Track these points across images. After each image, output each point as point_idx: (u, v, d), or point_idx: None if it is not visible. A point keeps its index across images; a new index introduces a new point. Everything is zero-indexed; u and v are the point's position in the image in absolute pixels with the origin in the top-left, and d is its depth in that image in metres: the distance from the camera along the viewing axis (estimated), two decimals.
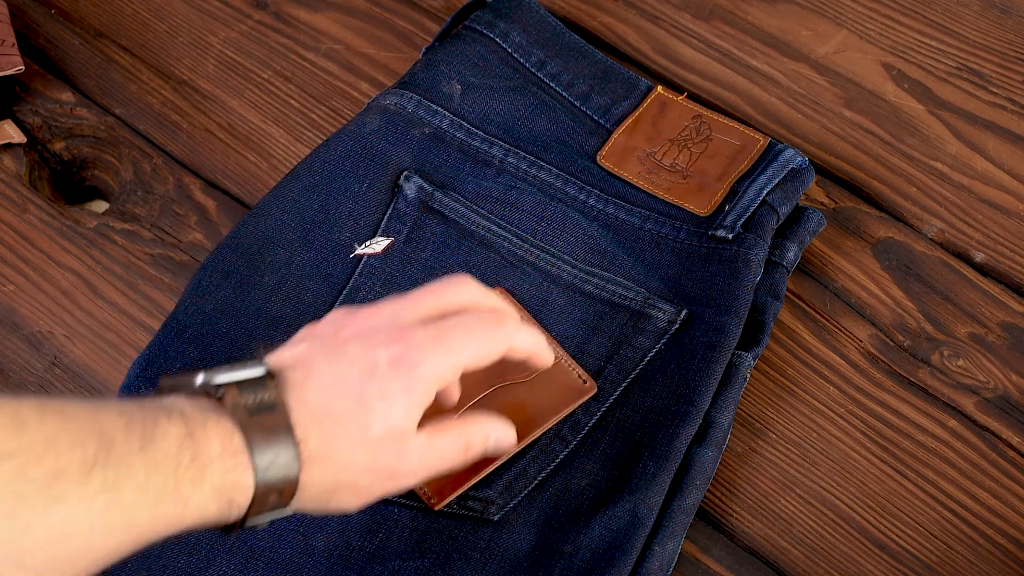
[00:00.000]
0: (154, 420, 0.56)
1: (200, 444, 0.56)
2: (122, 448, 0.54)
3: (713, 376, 0.77)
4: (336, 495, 0.62)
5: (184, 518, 0.56)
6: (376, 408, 0.61)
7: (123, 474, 0.53)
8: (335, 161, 0.85)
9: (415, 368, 0.62)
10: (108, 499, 0.53)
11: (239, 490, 0.57)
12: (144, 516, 0.55)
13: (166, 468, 0.55)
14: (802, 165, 0.85)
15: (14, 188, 0.89)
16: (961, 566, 0.75)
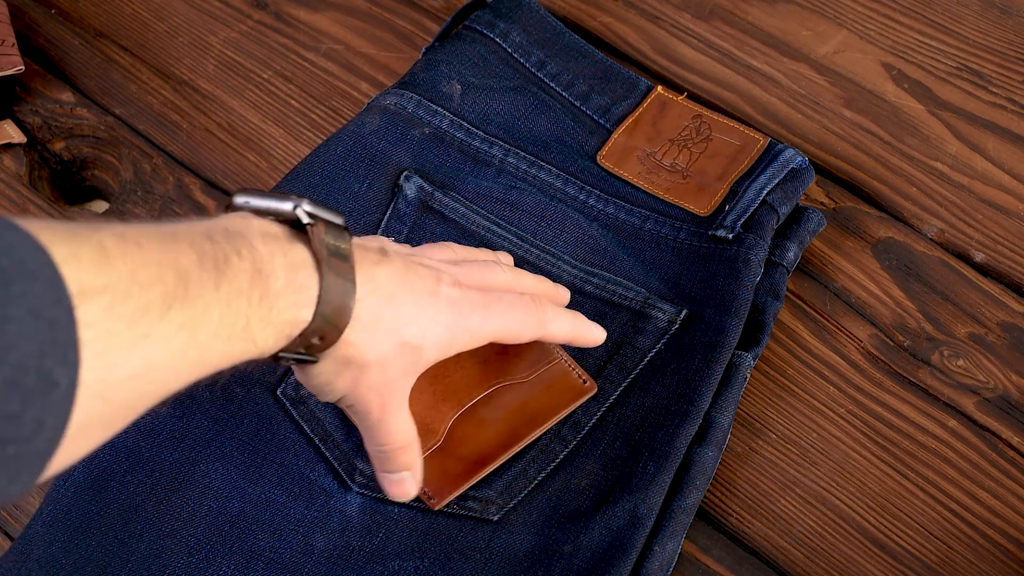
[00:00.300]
0: (225, 256, 0.57)
1: (268, 281, 0.58)
2: (197, 286, 0.54)
3: (713, 376, 0.77)
4: (344, 372, 0.65)
5: (247, 354, 0.59)
6: (424, 321, 0.66)
7: (200, 312, 0.54)
8: (335, 161, 0.85)
9: (464, 316, 0.68)
10: (186, 338, 0.54)
11: (297, 324, 0.60)
12: (216, 353, 0.56)
13: (238, 307, 0.56)
14: (802, 165, 0.85)
15: (14, 188, 0.89)
16: (961, 566, 0.75)
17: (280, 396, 0.77)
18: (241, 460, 0.75)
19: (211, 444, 0.75)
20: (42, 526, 0.72)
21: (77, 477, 0.74)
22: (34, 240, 0.49)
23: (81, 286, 0.49)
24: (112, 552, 0.72)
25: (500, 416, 0.76)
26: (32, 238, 0.49)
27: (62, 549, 0.72)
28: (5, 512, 0.76)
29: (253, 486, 0.74)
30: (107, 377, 0.50)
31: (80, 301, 0.49)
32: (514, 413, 0.75)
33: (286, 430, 0.76)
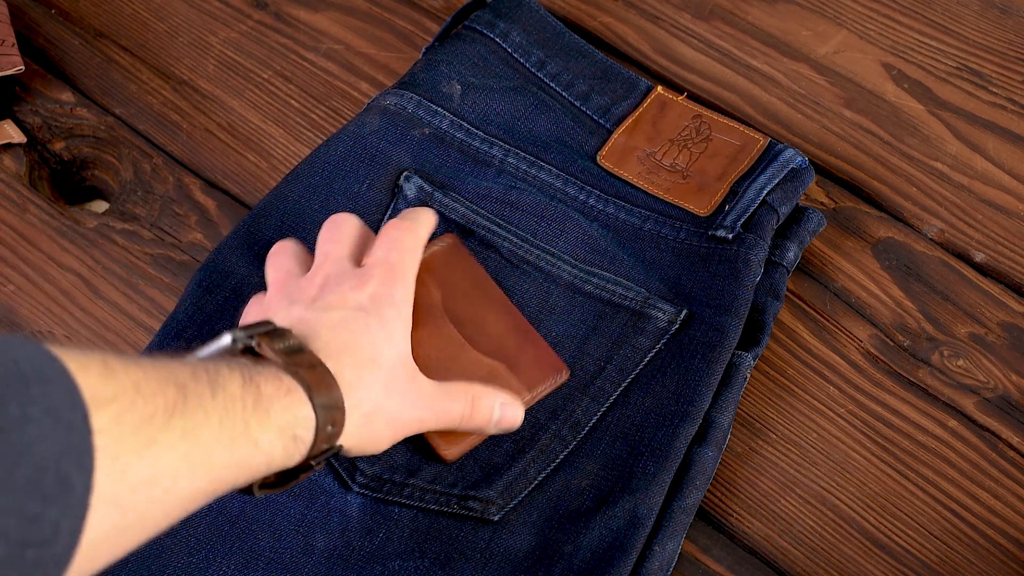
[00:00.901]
0: (216, 368, 0.59)
1: (260, 387, 0.60)
2: (195, 395, 0.57)
3: (713, 376, 0.77)
4: (372, 425, 0.67)
5: (254, 460, 0.60)
6: (380, 335, 0.69)
7: (200, 420, 0.56)
8: (335, 161, 0.85)
9: (392, 296, 0.70)
10: (189, 444, 0.56)
11: (301, 423, 0.62)
12: (220, 460, 0.57)
13: (235, 412, 0.58)
14: (802, 165, 0.85)
15: (14, 188, 0.89)
16: (961, 566, 0.75)
17: None
18: None
19: None
20: None
21: None
22: (47, 350, 0.51)
23: (93, 394, 0.51)
24: None
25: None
26: (45, 348, 0.51)
27: None
28: None
29: None
30: (119, 483, 0.52)
31: (93, 408, 0.51)
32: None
33: None
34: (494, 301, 0.79)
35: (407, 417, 0.70)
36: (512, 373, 0.77)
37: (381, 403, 0.68)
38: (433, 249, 0.80)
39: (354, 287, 0.70)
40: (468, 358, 0.77)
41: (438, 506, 0.74)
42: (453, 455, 0.75)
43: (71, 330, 0.83)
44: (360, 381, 0.66)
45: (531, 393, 0.77)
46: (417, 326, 0.76)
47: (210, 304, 0.80)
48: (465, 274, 0.80)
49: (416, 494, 0.74)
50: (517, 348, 0.78)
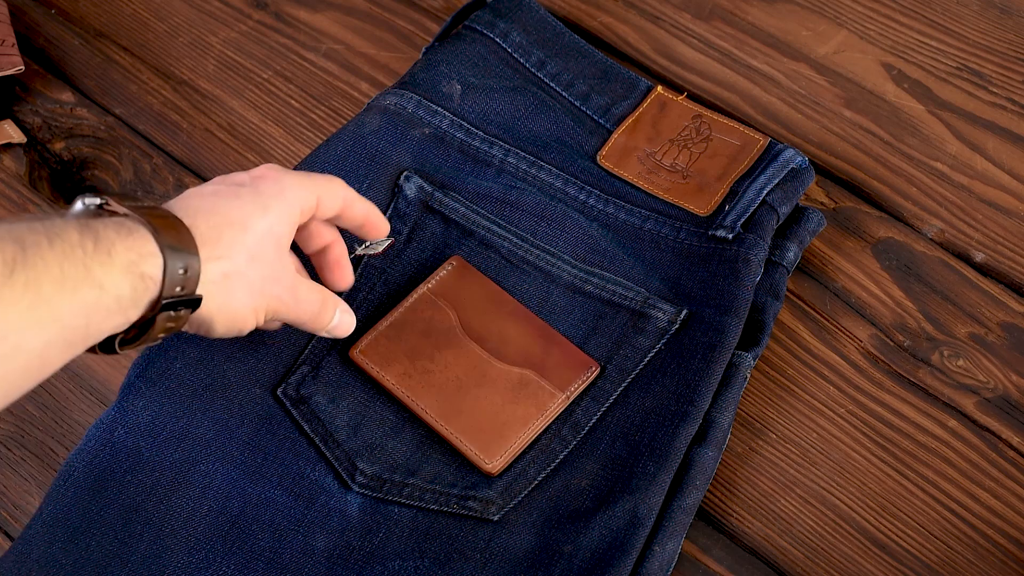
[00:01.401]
0: (50, 221, 0.60)
1: (99, 231, 0.60)
2: (33, 247, 0.57)
3: (713, 376, 0.77)
4: (233, 286, 0.66)
5: (101, 302, 0.60)
6: (252, 205, 0.68)
7: (40, 270, 0.57)
8: (335, 161, 0.85)
9: (279, 181, 0.70)
10: (32, 295, 0.56)
11: (146, 260, 0.61)
12: (64, 307, 0.58)
13: (75, 257, 0.58)
14: (802, 165, 0.85)
15: (14, 188, 0.89)
16: (961, 566, 0.75)
17: (280, 396, 0.77)
18: (241, 460, 0.75)
19: (212, 444, 0.75)
20: (42, 526, 0.72)
21: (77, 477, 0.74)
22: None
23: None
24: (112, 552, 0.72)
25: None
26: None
27: (62, 549, 0.72)
28: (5, 512, 0.76)
29: (253, 486, 0.74)
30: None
31: None
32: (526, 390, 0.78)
33: (286, 430, 0.76)
34: (511, 312, 0.80)
35: (269, 291, 0.69)
36: (543, 378, 0.78)
37: (242, 267, 0.67)
38: (441, 274, 0.81)
39: (244, 174, 0.71)
40: (496, 372, 0.78)
41: (438, 506, 0.74)
42: (498, 468, 0.75)
43: None
44: (219, 238, 0.66)
45: (564, 393, 0.77)
46: (441, 350, 0.78)
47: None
48: (477, 291, 0.81)
49: (416, 494, 0.74)
50: (543, 353, 0.78)
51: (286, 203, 0.70)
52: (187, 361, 0.77)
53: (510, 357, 0.78)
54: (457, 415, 0.76)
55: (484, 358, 0.78)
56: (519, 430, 0.76)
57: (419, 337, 0.79)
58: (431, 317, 0.79)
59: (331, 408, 0.77)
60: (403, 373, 0.77)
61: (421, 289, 0.80)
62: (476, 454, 0.75)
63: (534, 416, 0.76)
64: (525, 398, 0.77)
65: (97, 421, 0.75)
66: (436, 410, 0.76)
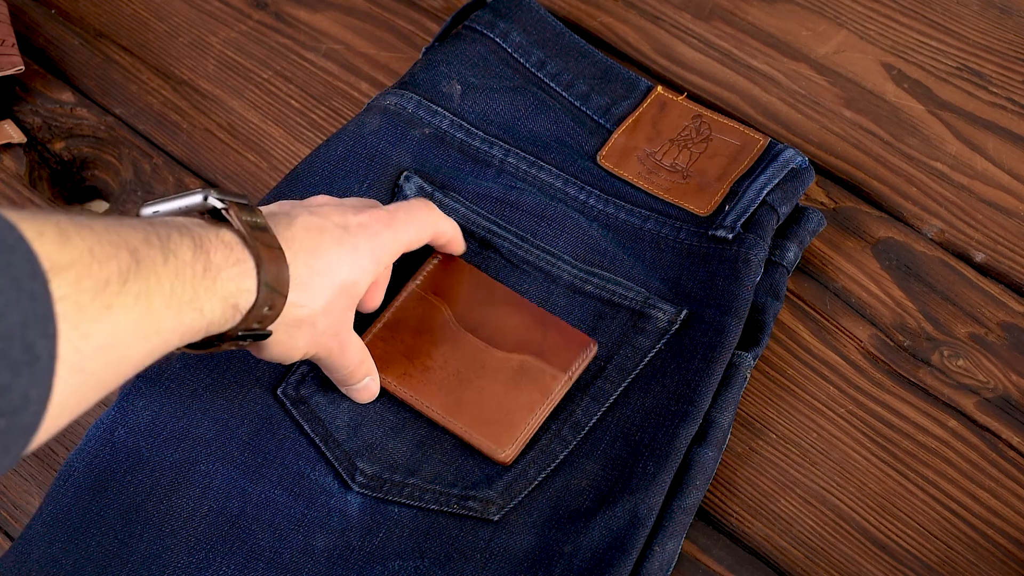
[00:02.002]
0: (167, 233, 0.60)
1: (210, 255, 0.61)
2: (147, 260, 0.57)
3: (713, 376, 0.77)
4: (298, 331, 0.69)
5: (196, 325, 0.61)
6: (349, 255, 0.70)
7: (152, 285, 0.57)
8: (335, 161, 0.85)
9: (378, 236, 0.72)
10: (143, 308, 0.56)
11: (243, 295, 0.63)
12: (168, 324, 0.59)
13: (185, 278, 0.59)
14: (802, 165, 0.85)
15: (14, 188, 0.89)
16: (961, 566, 0.75)
17: (280, 396, 0.77)
18: (241, 460, 0.75)
19: (212, 444, 0.75)
20: (42, 526, 0.72)
21: (77, 477, 0.74)
22: (4, 217, 0.51)
23: (51, 261, 0.51)
24: (112, 552, 0.72)
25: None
26: (2, 215, 0.51)
27: (62, 549, 0.72)
28: (5, 512, 0.76)
29: (253, 486, 0.74)
30: (81, 348, 0.52)
31: (52, 275, 0.51)
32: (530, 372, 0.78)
33: (286, 430, 0.76)
34: (503, 299, 0.80)
35: (325, 341, 0.71)
36: (543, 361, 0.78)
37: (316, 316, 0.69)
38: (427, 269, 0.81)
39: (355, 210, 0.73)
40: (495, 361, 0.78)
41: (438, 506, 0.74)
42: (511, 456, 0.75)
43: None
44: (310, 285, 0.68)
45: (567, 373, 0.77)
46: (437, 345, 0.78)
47: None
48: (467, 282, 0.81)
49: (416, 493, 0.74)
50: (540, 336, 0.79)
51: (375, 261, 0.72)
52: (187, 361, 0.77)
53: (508, 344, 0.78)
54: (462, 409, 0.76)
55: (482, 348, 0.78)
56: (526, 416, 0.76)
57: (414, 335, 0.79)
58: (423, 314, 0.79)
59: (331, 408, 0.77)
60: (403, 373, 0.77)
61: (409, 287, 0.80)
62: (488, 445, 0.75)
63: (539, 401, 0.76)
64: (528, 383, 0.77)
65: (97, 421, 0.75)
66: (441, 406, 0.76)
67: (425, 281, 0.80)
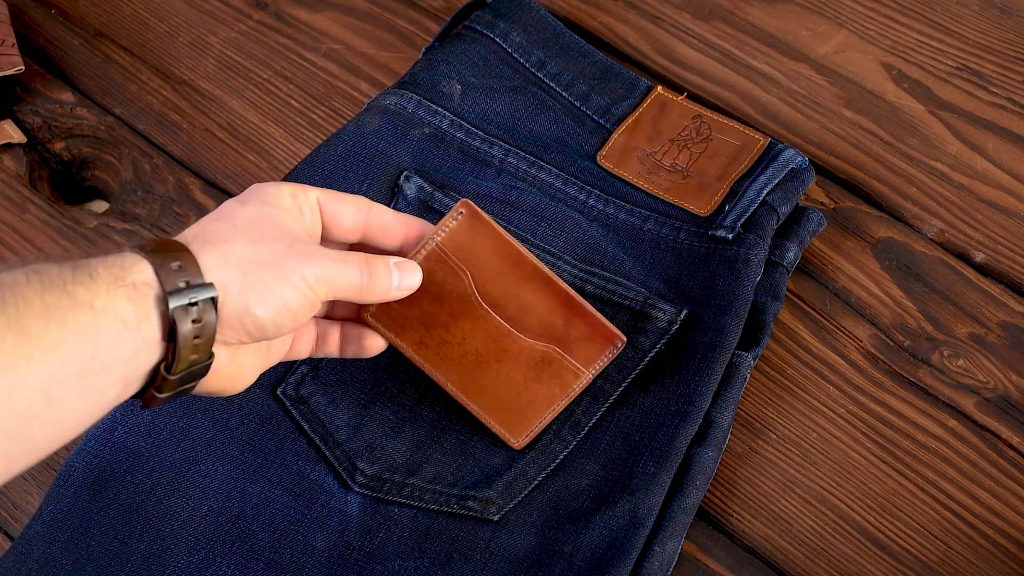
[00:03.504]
0: (33, 263, 0.56)
1: (78, 262, 0.57)
2: (8, 286, 0.54)
3: (713, 376, 0.77)
4: (244, 268, 0.61)
5: (100, 324, 0.55)
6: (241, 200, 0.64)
7: (21, 307, 0.53)
8: (335, 161, 0.85)
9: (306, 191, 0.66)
10: (15, 334, 0.53)
11: (132, 269, 0.57)
12: (56, 337, 0.54)
13: (55, 287, 0.55)
14: (802, 165, 0.85)
15: (14, 188, 0.89)
16: (961, 566, 0.75)
17: (280, 396, 0.77)
18: (241, 460, 0.75)
19: (212, 444, 0.75)
20: (42, 526, 0.72)
21: (77, 477, 0.74)
22: None
23: None
24: (112, 552, 0.72)
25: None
26: None
27: (62, 549, 0.72)
28: (5, 512, 0.76)
29: (253, 486, 0.74)
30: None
31: None
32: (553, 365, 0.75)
33: (286, 430, 0.76)
34: (531, 275, 0.74)
35: (301, 272, 0.62)
36: (566, 354, 0.75)
37: (243, 251, 0.61)
38: (451, 224, 0.73)
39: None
40: (518, 348, 0.74)
41: (438, 506, 0.74)
42: (523, 444, 0.75)
43: None
44: (203, 231, 0.61)
45: (589, 371, 0.75)
46: (456, 320, 0.73)
47: None
48: (492, 248, 0.73)
49: (416, 493, 0.74)
50: (566, 324, 0.74)
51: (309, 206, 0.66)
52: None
53: (532, 329, 0.74)
54: (479, 391, 0.75)
55: (504, 331, 0.74)
56: (543, 411, 0.76)
57: (432, 303, 0.73)
58: (443, 280, 0.73)
59: (331, 408, 0.77)
60: (419, 342, 0.74)
61: (429, 244, 0.72)
62: (500, 430, 0.75)
63: (558, 396, 0.76)
64: (548, 377, 0.75)
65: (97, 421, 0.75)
66: (457, 384, 0.75)
67: (447, 238, 0.72)
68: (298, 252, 0.63)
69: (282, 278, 0.62)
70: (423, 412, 0.77)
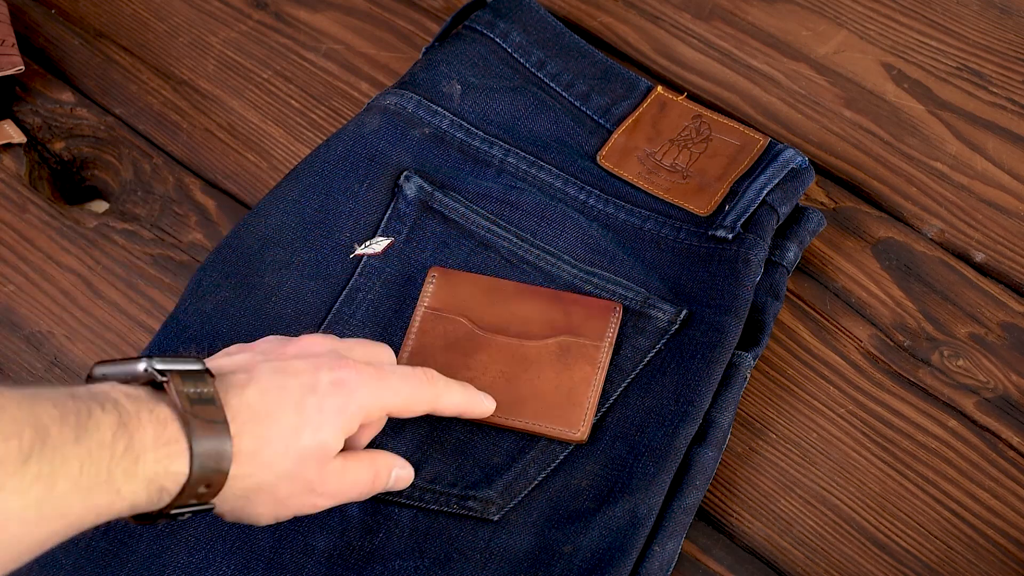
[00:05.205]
0: (88, 410, 0.57)
1: (134, 433, 0.57)
2: (57, 439, 0.54)
3: (713, 376, 0.77)
4: (254, 499, 0.64)
5: (114, 506, 0.57)
6: (312, 420, 0.64)
7: (58, 466, 0.54)
8: (335, 161, 0.85)
9: (353, 394, 0.66)
10: (42, 490, 0.54)
11: (171, 477, 0.59)
12: (76, 507, 0.55)
13: (100, 459, 0.56)
14: (802, 165, 0.85)
15: (14, 188, 0.89)
16: (961, 566, 0.75)
17: None
18: None
19: None
20: None
21: None
22: None
23: None
24: (112, 552, 0.72)
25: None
26: None
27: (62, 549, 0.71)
28: None
29: None
30: None
31: None
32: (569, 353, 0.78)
33: None
34: (513, 291, 0.81)
35: (297, 502, 0.66)
36: (578, 337, 0.78)
37: (271, 484, 0.64)
38: (430, 290, 0.80)
39: (329, 366, 0.67)
40: (534, 351, 0.78)
41: (438, 506, 0.74)
42: (586, 432, 0.76)
43: (71, 330, 0.83)
44: (256, 456, 0.62)
45: (604, 341, 0.78)
46: (472, 355, 0.78)
47: (210, 304, 0.80)
48: (472, 288, 0.81)
49: (416, 494, 0.74)
50: (565, 315, 0.79)
51: (346, 421, 0.66)
52: None
53: (539, 333, 0.79)
54: (522, 405, 0.76)
55: (516, 345, 0.78)
56: (586, 391, 0.77)
57: (445, 353, 0.78)
58: (445, 331, 0.79)
59: None
60: None
61: (419, 312, 0.80)
62: (560, 430, 0.76)
63: (592, 373, 0.77)
64: (574, 360, 0.78)
65: None
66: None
67: (432, 300, 0.80)
68: (307, 495, 0.66)
69: (270, 517, 0.66)
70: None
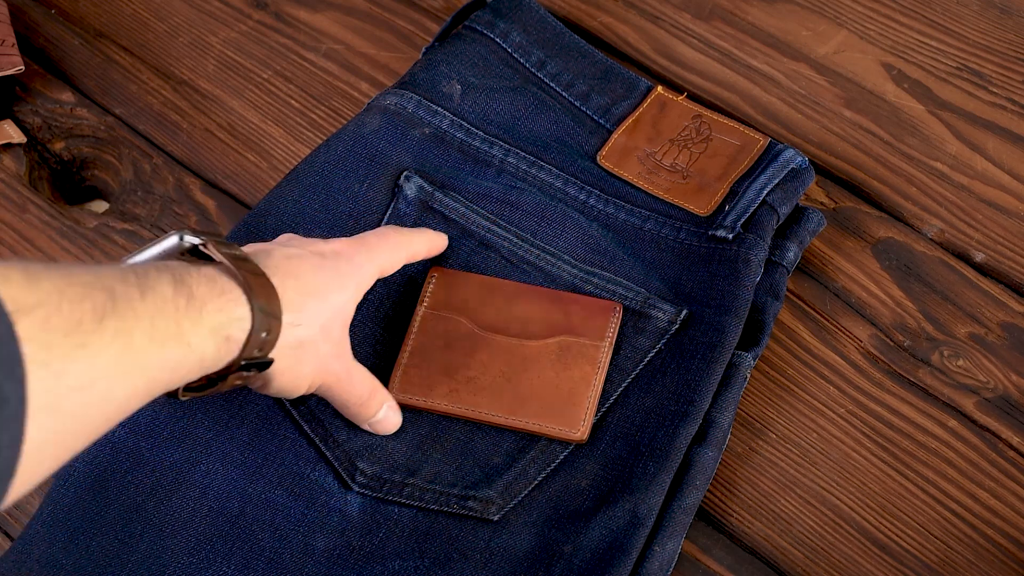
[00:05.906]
0: (144, 272, 0.59)
1: (192, 287, 0.61)
2: (124, 297, 0.56)
3: (713, 376, 0.77)
4: (302, 356, 0.68)
5: (186, 361, 0.60)
6: (332, 281, 0.70)
7: (131, 321, 0.56)
8: (335, 161, 0.85)
9: (352, 259, 0.73)
10: (121, 344, 0.56)
11: (236, 324, 0.63)
12: (153, 360, 0.58)
13: (167, 313, 0.59)
14: (802, 165, 0.85)
15: (14, 188, 0.89)
16: (961, 566, 0.75)
17: None
18: (241, 460, 0.75)
19: (212, 444, 0.75)
20: (42, 526, 0.72)
21: (77, 477, 0.74)
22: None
23: (16, 303, 0.51)
24: (112, 552, 0.72)
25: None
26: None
27: (62, 549, 0.72)
28: (5, 512, 0.76)
29: (253, 486, 0.74)
30: (53, 389, 0.52)
31: (17, 317, 0.50)
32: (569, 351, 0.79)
33: (286, 430, 0.76)
34: (512, 291, 0.81)
35: (329, 366, 0.71)
36: (578, 336, 0.79)
37: (316, 337, 0.69)
38: (429, 290, 0.81)
39: (320, 243, 0.73)
40: (534, 351, 0.78)
41: (438, 506, 0.74)
42: (587, 432, 0.76)
43: None
44: (303, 305, 0.68)
45: (605, 341, 0.78)
46: (472, 355, 0.78)
47: None
48: (471, 288, 0.81)
49: (416, 493, 0.74)
50: (564, 315, 0.79)
51: (356, 284, 0.73)
52: None
53: (538, 332, 0.79)
54: (522, 404, 0.77)
55: (516, 344, 0.78)
56: (586, 391, 0.77)
57: (444, 353, 0.79)
58: (445, 330, 0.79)
59: (331, 409, 0.77)
60: (450, 391, 0.77)
61: (419, 312, 0.80)
62: (560, 430, 0.76)
63: (591, 373, 0.77)
64: (573, 360, 0.78)
65: None
66: (500, 409, 0.76)
67: (432, 300, 0.80)
68: (336, 360, 0.72)
69: (309, 380, 0.71)
70: (423, 412, 0.77)
